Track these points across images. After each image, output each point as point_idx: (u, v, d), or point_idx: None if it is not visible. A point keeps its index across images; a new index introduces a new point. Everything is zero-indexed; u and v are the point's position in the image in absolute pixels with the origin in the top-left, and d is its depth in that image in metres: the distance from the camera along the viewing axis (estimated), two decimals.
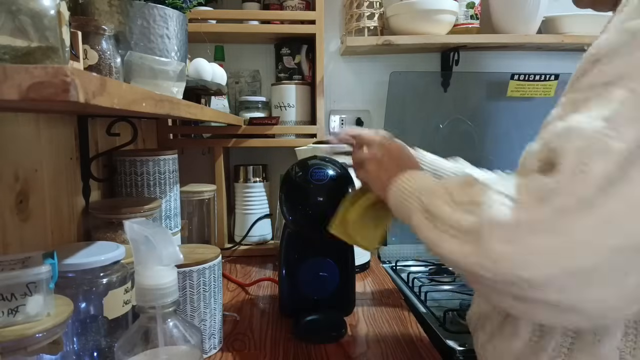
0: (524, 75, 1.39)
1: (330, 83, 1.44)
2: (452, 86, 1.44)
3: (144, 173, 0.86)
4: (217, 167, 1.25)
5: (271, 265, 1.21)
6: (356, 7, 1.27)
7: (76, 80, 0.27)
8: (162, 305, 0.45)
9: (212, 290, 0.73)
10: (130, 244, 0.45)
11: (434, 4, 1.20)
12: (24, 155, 0.62)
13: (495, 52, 1.45)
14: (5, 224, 0.57)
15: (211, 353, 0.74)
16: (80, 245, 0.58)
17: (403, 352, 0.75)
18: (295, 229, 0.86)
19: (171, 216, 0.92)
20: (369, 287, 1.06)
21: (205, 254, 0.73)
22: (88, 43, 0.55)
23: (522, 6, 1.24)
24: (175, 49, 0.71)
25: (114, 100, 0.34)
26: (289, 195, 0.82)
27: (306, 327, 0.82)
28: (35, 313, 0.41)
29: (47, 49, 0.34)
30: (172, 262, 0.45)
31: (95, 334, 0.54)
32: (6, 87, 0.26)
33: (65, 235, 0.73)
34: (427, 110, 1.45)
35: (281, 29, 1.25)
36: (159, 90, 0.62)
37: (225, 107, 1.33)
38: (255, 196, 1.30)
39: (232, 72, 1.38)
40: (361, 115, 1.45)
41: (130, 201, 0.81)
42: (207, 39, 1.20)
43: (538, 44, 1.30)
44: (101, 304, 0.54)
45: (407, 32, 1.25)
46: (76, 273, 0.52)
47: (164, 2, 0.69)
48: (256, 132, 1.25)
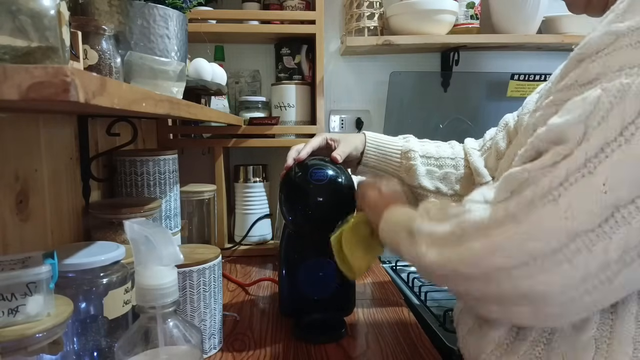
0: (524, 75, 1.39)
1: (330, 83, 1.44)
2: (452, 86, 1.44)
3: (144, 173, 0.86)
4: (217, 167, 1.25)
5: (271, 265, 1.21)
6: (356, 7, 1.27)
7: (76, 80, 0.27)
8: (162, 305, 0.45)
9: (212, 290, 0.73)
10: (130, 244, 0.45)
11: (434, 4, 1.20)
12: (24, 155, 0.62)
13: (495, 52, 1.45)
14: (5, 224, 0.57)
15: (211, 353, 0.74)
16: (80, 245, 0.58)
17: (403, 352, 0.75)
18: (295, 229, 0.86)
19: (171, 216, 0.92)
20: (369, 287, 1.06)
21: (205, 254, 0.73)
22: (88, 43, 0.55)
23: (522, 6, 1.24)
24: (175, 49, 0.71)
25: (114, 100, 0.34)
26: (288, 196, 0.82)
27: (306, 327, 0.82)
28: (35, 313, 0.41)
29: (47, 49, 0.34)
30: (172, 262, 0.45)
31: (95, 334, 0.54)
32: (6, 87, 0.26)
33: (65, 235, 0.73)
34: (427, 110, 1.45)
35: (281, 29, 1.25)
36: (159, 90, 0.62)
37: (225, 107, 1.33)
38: (255, 196, 1.30)
39: (232, 72, 1.38)
40: (361, 115, 1.45)
41: (130, 201, 0.81)
42: (207, 39, 1.20)
43: (538, 44, 1.30)
44: (101, 304, 0.54)
45: (407, 32, 1.25)
46: (76, 273, 0.52)
47: (164, 2, 0.69)
48: (256, 132, 1.25)
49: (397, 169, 0.86)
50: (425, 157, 0.85)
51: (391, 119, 1.42)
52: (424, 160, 0.85)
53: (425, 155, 0.85)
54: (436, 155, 0.85)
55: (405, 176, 0.85)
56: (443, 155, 0.85)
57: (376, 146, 0.86)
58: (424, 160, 0.84)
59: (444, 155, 0.85)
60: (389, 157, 0.86)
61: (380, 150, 0.86)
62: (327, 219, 0.78)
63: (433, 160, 0.85)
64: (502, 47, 1.37)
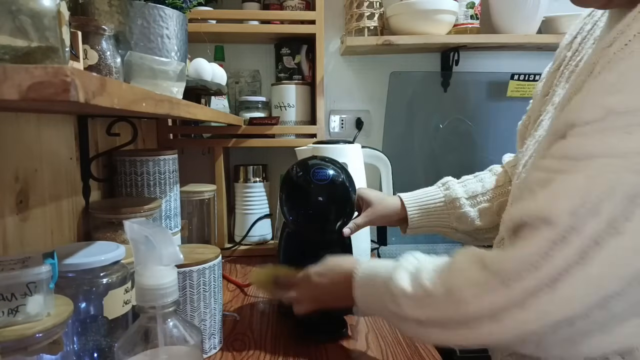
0: (524, 75, 1.39)
1: (330, 83, 1.44)
2: (452, 86, 1.44)
3: (144, 173, 0.86)
4: (217, 167, 1.25)
5: (271, 265, 1.21)
6: (356, 7, 1.27)
7: (76, 80, 0.27)
8: (162, 305, 0.45)
9: (212, 290, 0.73)
10: (130, 244, 0.45)
11: (434, 4, 1.20)
12: (24, 155, 0.62)
13: (495, 52, 1.45)
14: (5, 224, 0.57)
15: (211, 353, 0.74)
16: (80, 245, 0.58)
17: (403, 352, 0.75)
18: (295, 229, 0.85)
19: (171, 216, 0.92)
20: None
21: (205, 254, 0.73)
22: (88, 43, 0.55)
23: (522, 6, 1.24)
24: (175, 49, 0.71)
25: (114, 100, 0.34)
26: (289, 196, 0.82)
27: (306, 327, 0.82)
28: (35, 313, 0.41)
29: (47, 49, 0.34)
30: (172, 262, 0.45)
31: (95, 334, 0.54)
32: (6, 87, 0.26)
33: (65, 235, 0.73)
34: (427, 110, 1.45)
35: (281, 29, 1.25)
36: (159, 90, 0.62)
37: (225, 107, 1.33)
38: (255, 196, 1.30)
39: (232, 72, 1.38)
40: (361, 115, 1.45)
41: (130, 201, 0.81)
42: (207, 39, 1.20)
43: (538, 44, 1.30)
44: (101, 304, 0.54)
45: (407, 32, 1.25)
46: (76, 273, 0.52)
47: (164, 2, 0.69)
48: (256, 132, 1.25)
49: (448, 221, 0.81)
50: (472, 198, 0.79)
51: (391, 119, 1.42)
52: (471, 202, 0.79)
53: (472, 196, 0.79)
54: (482, 190, 0.79)
55: (459, 225, 0.80)
56: (489, 188, 0.80)
57: (418, 207, 0.81)
58: (472, 202, 0.79)
59: (490, 188, 0.80)
60: (435, 213, 0.81)
61: (423, 209, 0.81)
62: (328, 219, 0.78)
63: (481, 197, 0.79)
64: (502, 47, 1.37)
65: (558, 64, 0.65)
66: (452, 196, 0.80)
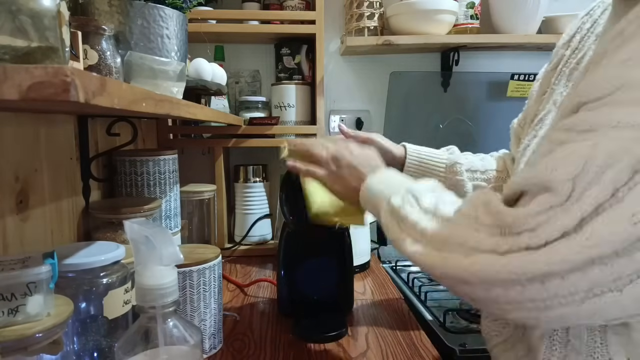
0: (524, 75, 1.39)
1: (330, 83, 1.44)
2: (452, 86, 1.44)
3: (144, 173, 0.86)
4: (217, 167, 1.25)
5: (271, 265, 1.21)
6: (356, 7, 1.27)
7: (76, 80, 0.27)
8: (162, 305, 0.45)
9: (212, 290, 0.73)
10: (130, 244, 0.45)
11: (434, 4, 1.20)
12: (24, 155, 0.62)
13: (495, 52, 1.45)
14: (5, 224, 0.57)
15: (211, 353, 0.74)
16: (80, 245, 0.58)
17: (403, 352, 0.75)
18: (295, 228, 0.86)
19: (171, 216, 0.92)
20: (369, 287, 1.06)
21: (205, 254, 0.73)
22: (88, 43, 0.55)
23: (522, 6, 1.24)
24: (175, 49, 0.71)
25: (114, 100, 0.34)
26: (289, 196, 0.82)
27: (306, 327, 0.82)
28: (35, 313, 0.41)
29: (47, 49, 0.34)
30: (172, 262, 0.45)
31: (95, 334, 0.54)
32: (6, 87, 0.26)
33: (65, 235, 0.73)
34: (427, 110, 1.45)
35: (281, 29, 1.25)
36: (159, 90, 0.62)
37: (225, 107, 1.33)
38: (255, 196, 1.30)
39: (232, 72, 1.38)
40: (361, 115, 1.45)
41: (130, 201, 0.81)
42: (207, 39, 1.20)
43: (538, 44, 1.30)
44: (101, 304, 0.54)
45: (407, 32, 1.25)
46: (76, 273, 0.52)
47: (164, 2, 0.69)
48: (256, 132, 1.25)
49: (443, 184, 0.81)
50: (471, 172, 0.80)
51: (391, 119, 1.42)
52: (469, 174, 0.80)
53: (471, 169, 0.80)
54: (482, 168, 0.80)
55: (452, 191, 0.81)
56: (489, 168, 0.81)
57: (418, 159, 0.81)
58: (470, 175, 0.80)
59: (490, 168, 0.81)
60: (433, 170, 0.80)
61: (423, 162, 0.80)
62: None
63: (479, 174, 0.80)
64: (502, 47, 1.37)
65: (555, 63, 0.65)
66: (454, 160, 0.80)
